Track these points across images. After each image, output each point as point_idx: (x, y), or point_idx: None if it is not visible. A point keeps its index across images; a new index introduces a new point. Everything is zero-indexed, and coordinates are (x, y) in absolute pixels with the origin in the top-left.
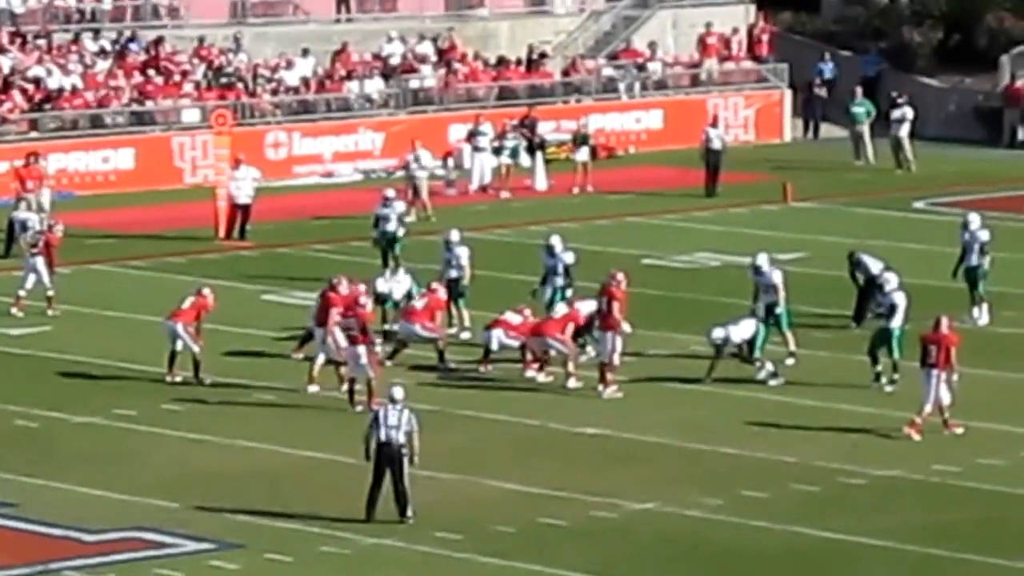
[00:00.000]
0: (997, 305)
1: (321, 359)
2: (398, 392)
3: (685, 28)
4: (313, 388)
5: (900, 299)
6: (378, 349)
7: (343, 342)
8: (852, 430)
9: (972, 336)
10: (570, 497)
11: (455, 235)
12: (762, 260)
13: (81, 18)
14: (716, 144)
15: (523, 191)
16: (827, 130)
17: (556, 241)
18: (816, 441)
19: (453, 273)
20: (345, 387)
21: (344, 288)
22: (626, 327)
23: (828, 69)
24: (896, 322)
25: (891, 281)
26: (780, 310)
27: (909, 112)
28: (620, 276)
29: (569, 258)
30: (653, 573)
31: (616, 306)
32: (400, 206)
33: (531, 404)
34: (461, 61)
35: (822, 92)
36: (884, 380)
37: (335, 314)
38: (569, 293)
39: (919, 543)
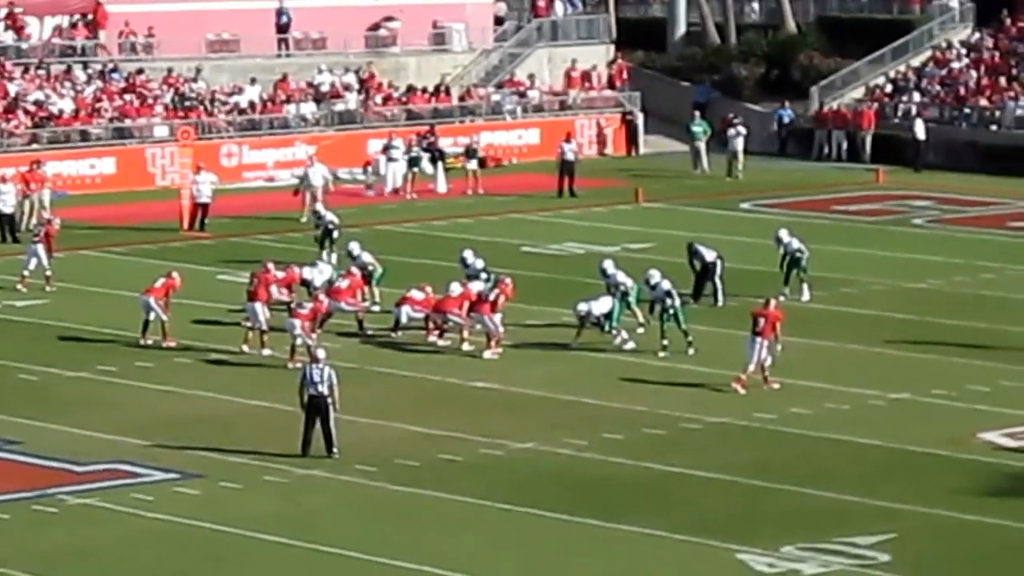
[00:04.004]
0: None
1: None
2: (321, 353)
3: (558, 63)
4: (266, 351)
5: (668, 285)
6: (315, 335)
7: (264, 315)
8: (691, 385)
9: (790, 310)
10: (464, 438)
11: (355, 247)
12: (607, 264)
13: (73, 52)
14: (569, 156)
15: (426, 193)
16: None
17: (468, 254)
18: (662, 394)
19: (370, 268)
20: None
21: (272, 270)
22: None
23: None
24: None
25: (655, 275)
26: (631, 297)
27: (743, 130)
28: (509, 280)
29: (480, 264)
30: (532, 499)
31: (503, 299)
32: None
33: (432, 363)
34: (378, 89)
35: (638, 120)
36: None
37: (274, 290)
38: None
39: (744, 476)
